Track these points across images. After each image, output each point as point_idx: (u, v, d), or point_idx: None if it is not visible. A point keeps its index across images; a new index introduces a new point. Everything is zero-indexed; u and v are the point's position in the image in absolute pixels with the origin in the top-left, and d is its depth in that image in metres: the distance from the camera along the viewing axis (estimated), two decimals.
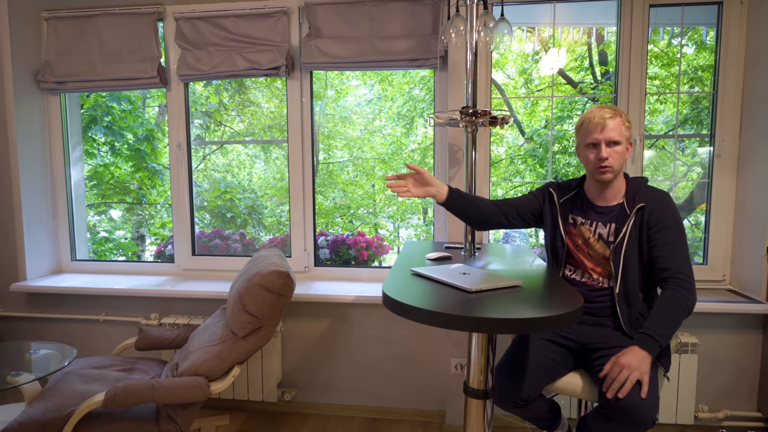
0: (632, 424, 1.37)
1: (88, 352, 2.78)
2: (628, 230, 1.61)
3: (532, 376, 1.58)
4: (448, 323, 1.18)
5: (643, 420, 1.36)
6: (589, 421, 1.51)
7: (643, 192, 1.64)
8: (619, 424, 1.39)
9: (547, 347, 1.65)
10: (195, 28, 2.64)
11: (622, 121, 1.60)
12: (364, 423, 2.51)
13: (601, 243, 1.67)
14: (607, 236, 1.66)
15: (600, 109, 1.62)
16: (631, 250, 1.61)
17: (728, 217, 2.43)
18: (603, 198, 1.69)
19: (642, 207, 1.61)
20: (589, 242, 1.69)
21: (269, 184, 6.06)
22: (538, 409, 1.64)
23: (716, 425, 2.36)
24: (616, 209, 1.67)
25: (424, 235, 6.53)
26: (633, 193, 1.65)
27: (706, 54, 3.94)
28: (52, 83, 2.75)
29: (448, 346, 2.42)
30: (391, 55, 2.49)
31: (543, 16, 2.61)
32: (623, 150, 1.61)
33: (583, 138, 1.65)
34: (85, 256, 3.06)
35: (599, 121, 1.59)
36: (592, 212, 1.71)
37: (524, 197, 1.83)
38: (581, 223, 1.72)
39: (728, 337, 2.32)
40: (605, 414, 1.42)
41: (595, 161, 1.61)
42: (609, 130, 1.58)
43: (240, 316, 1.92)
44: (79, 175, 3.02)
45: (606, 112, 1.60)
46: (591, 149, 1.63)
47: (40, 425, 1.69)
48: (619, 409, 1.38)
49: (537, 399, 1.62)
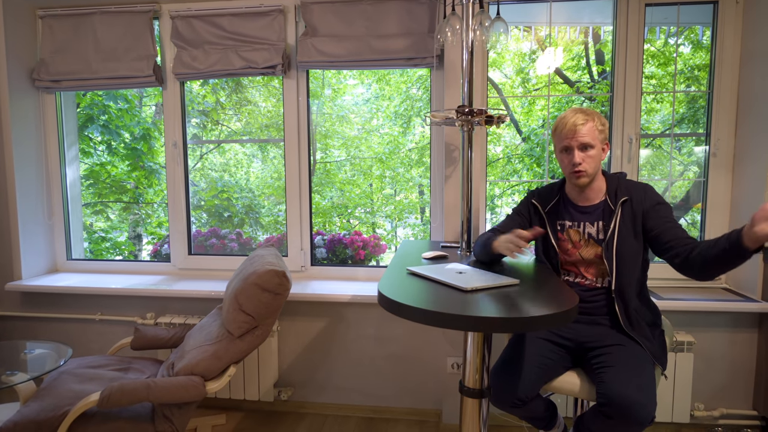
0: (630, 422, 1.37)
1: (83, 352, 2.77)
2: (617, 225, 1.62)
3: (530, 376, 1.57)
4: (443, 322, 1.18)
5: (640, 418, 1.36)
6: (586, 419, 1.51)
7: (624, 186, 1.66)
8: (617, 422, 1.40)
9: (544, 346, 1.65)
10: (191, 27, 2.63)
11: (595, 125, 1.60)
12: (361, 422, 2.51)
13: (592, 242, 1.67)
14: (596, 234, 1.67)
15: (573, 113, 1.63)
16: (623, 243, 1.61)
17: (724, 215, 2.43)
18: (585, 198, 1.71)
19: (626, 200, 1.63)
20: (580, 244, 1.70)
21: (266, 183, 6.06)
22: (535, 409, 1.64)
23: (712, 423, 2.37)
24: (600, 206, 1.68)
25: (421, 234, 6.54)
26: (614, 188, 1.67)
27: (702, 53, 3.95)
28: (48, 82, 2.74)
29: (445, 345, 2.42)
30: (388, 54, 2.48)
31: (539, 15, 2.61)
32: (597, 153, 1.62)
33: (558, 142, 1.66)
34: (81, 256, 3.05)
35: (571, 127, 1.60)
36: (577, 213, 1.72)
37: (510, 221, 1.83)
38: (569, 227, 1.72)
39: (724, 336, 2.33)
40: (603, 412, 1.42)
41: (569, 166, 1.63)
42: (581, 135, 1.60)
43: (236, 316, 1.92)
44: (74, 174, 3.01)
45: (578, 118, 1.60)
46: (565, 153, 1.65)
47: (35, 425, 1.69)
48: (617, 407, 1.38)
49: (534, 399, 1.61)
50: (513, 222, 1.82)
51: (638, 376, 1.44)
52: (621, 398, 1.38)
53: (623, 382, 1.41)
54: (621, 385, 1.41)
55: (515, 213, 1.85)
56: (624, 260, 1.61)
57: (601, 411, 1.43)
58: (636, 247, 1.62)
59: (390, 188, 6.78)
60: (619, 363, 1.48)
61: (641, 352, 1.54)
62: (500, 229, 1.81)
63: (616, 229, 1.62)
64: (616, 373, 1.45)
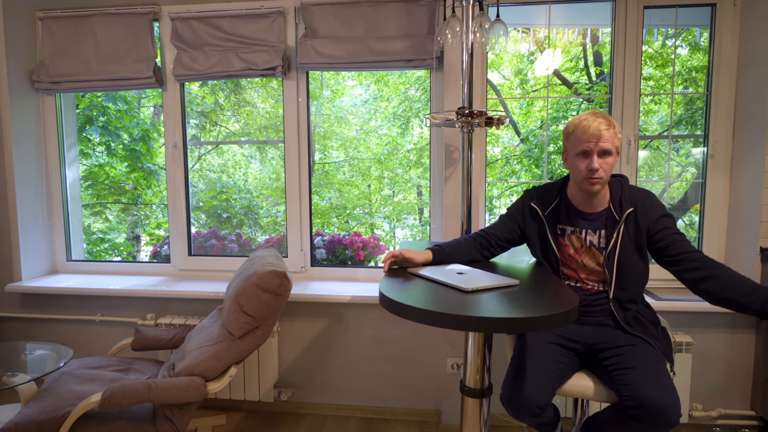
0: (662, 424, 1.35)
1: (83, 353, 2.77)
2: (620, 236, 1.60)
3: (547, 383, 1.52)
4: (444, 323, 1.19)
5: (672, 419, 1.34)
6: (602, 421, 1.48)
7: (628, 194, 1.62)
8: (648, 425, 1.36)
9: (555, 350, 1.60)
10: (191, 29, 2.63)
11: (616, 132, 1.57)
12: (361, 423, 2.51)
13: (593, 250, 1.65)
14: (598, 243, 1.64)
15: (595, 118, 1.57)
16: (625, 255, 1.60)
17: (722, 217, 2.45)
18: (589, 204, 1.66)
19: (631, 212, 1.60)
20: (581, 251, 1.67)
21: (265, 184, 6.06)
22: (549, 414, 1.59)
23: (710, 424, 2.38)
24: (604, 215, 1.64)
25: (419, 235, 6.54)
26: (618, 196, 1.63)
27: (699, 55, 3.97)
28: (47, 83, 2.74)
29: (444, 346, 2.43)
30: (387, 56, 2.49)
31: (538, 17, 2.62)
32: (614, 161, 1.59)
33: (574, 145, 1.59)
34: (81, 257, 3.05)
35: (595, 132, 1.54)
36: (580, 220, 1.68)
37: (501, 224, 1.81)
38: (571, 232, 1.69)
39: (722, 336, 2.34)
40: (633, 415, 1.38)
41: (585, 171, 1.57)
42: (604, 141, 1.54)
43: (237, 316, 1.93)
44: (74, 175, 3.01)
45: (602, 123, 1.55)
46: (582, 158, 1.58)
47: (36, 426, 1.69)
48: (648, 409, 1.35)
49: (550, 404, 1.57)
50: (503, 226, 1.80)
51: (660, 376, 1.42)
52: (652, 401, 1.35)
53: (649, 383, 1.39)
54: (648, 387, 1.38)
55: (506, 217, 1.81)
56: (625, 271, 1.60)
57: (630, 414, 1.39)
58: (638, 260, 1.61)
59: (388, 189, 6.80)
60: (639, 364, 1.45)
61: (653, 351, 1.52)
62: (490, 231, 1.80)
63: (619, 240, 1.60)
64: (639, 374, 1.42)
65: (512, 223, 1.80)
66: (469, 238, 1.80)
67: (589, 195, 1.64)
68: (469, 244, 1.78)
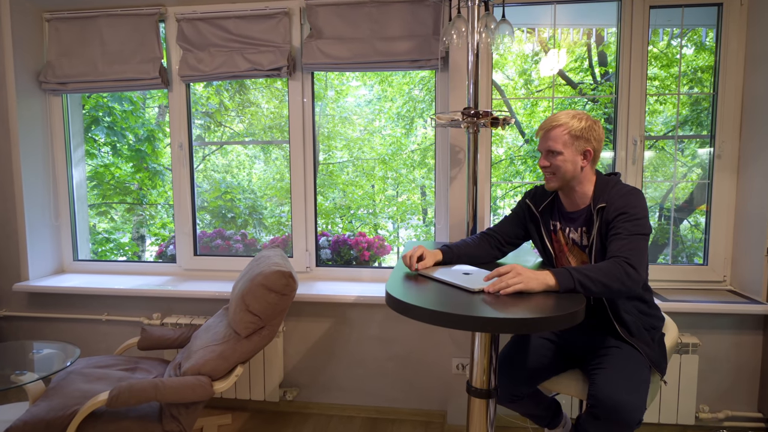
0: (618, 423, 1.39)
1: (90, 352, 2.78)
2: (595, 233, 1.58)
3: (526, 372, 1.63)
4: (451, 323, 1.19)
5: (627, 420, 1.37)
6: (582, 420, 1.53)
7: (608, 192, 1.58)
8: (604, 423, 1.41)
9: (542, 345, 1.69)
10: (196, 29, 2.64)
11: (566, 130, 1.55)
12: (366, 423, 2.51)
13: (577, 248, 1.67)
14: (580, 240, 1.65)
15: (549, 118, 1.61)
16: (602, 253, 1.57)
17: (728, 217, 2.44)
18: (571, 203, 1.67)
19: (602, 207, 1.56)
20: (566, 248, 1.70)
21: (269, 184, 6.06)
22: (533, 405, 1.70)
23: (717, 426, 2.37)
24: (584, 213, 1.64)
25: (423, 235, 6.54)
26: (599, 195, 1.60)
27: (705, 55, 3.95)
28: (54, 84, 2.76)
29: (450, 346, 2.43)
30: (392, 56, 2.50)
31: (543, 17, 2.62)
32: (569, 159, 1.56)
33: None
34: (87, 256, 3.06)
35: (542, 132, 1.61)
36: (565, 218, 1.70)
37: (508, 222, 1.84)
38: (560, 229, 1.72)
39: (729, 338, 2.33)
40: (592, 413, 1.44)
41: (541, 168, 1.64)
42: (547, 140, 1.59)
43: (243, 316, 1.93)
44: (80, 175, 3.02)
45: (551, 122, 1.59)
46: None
47: (44, 424, 1.70)
48: (603, 408, 1.40)
49: (532, 395, 1.67)
50: (508, 222, 1.83)
51: (629, 379, 1.45)
52: (608, 400, 1.39)
53: (613, 385, 1.42)
54: (610, 387, 1.42)
55: (511, 215, 1.85)
56: None
57: (590, 412, 1.45)
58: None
59: (392, 189, 6.79)
60: (613, 366, 1.49)
61: (638, 357, 1.53)
62: (497, 230, 1.83)
63: (595, 237, 1.58)
64: (608, 375, 1.46)
65: (516, 219, 1.84)
66: (477, 238, 1.83)
67: (568, 191, 1.66)
68: (477, 243, 1.80)
